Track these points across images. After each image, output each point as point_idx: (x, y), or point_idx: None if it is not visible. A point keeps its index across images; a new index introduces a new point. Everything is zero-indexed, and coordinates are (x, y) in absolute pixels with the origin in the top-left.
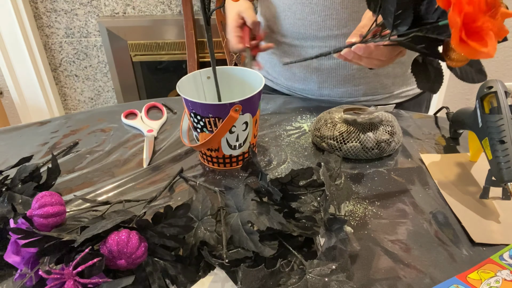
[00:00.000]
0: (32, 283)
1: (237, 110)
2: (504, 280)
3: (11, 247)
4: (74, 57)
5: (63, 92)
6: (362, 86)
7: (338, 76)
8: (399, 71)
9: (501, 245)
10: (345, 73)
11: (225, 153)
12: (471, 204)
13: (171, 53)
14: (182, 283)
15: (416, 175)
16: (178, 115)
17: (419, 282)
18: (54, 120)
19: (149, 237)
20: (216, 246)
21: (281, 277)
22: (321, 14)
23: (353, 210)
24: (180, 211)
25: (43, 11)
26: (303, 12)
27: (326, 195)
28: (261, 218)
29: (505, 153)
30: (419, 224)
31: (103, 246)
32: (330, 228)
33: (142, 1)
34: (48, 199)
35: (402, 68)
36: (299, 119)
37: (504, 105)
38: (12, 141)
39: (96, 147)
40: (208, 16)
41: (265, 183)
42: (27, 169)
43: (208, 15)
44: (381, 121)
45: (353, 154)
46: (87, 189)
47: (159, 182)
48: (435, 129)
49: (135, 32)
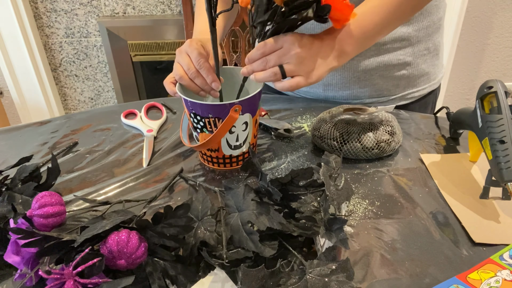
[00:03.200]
0: (32, 283)
1: (237, 110)
2: (504, 280)
3: (11, 247)
4: (74, 57)
5: (63, 92)
6: (367, 88)
7: (343, 79)
8: (405, 73)
9: (501, 245)
10: (350, 75)
11: (225, 153)
12: (471, 204)
13: (171, 53)
14: (182, 283)
15: (416, 175)
16: (178, 115)
17: (419, 282)
18: (54, 120)
19: (149, 237)
20: (216, 246)
21: (281, 277)
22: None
23: (353, 210)
24: (180, 211)
25: (43, 11)
26: None
27: (326, 195)
28: (261, 218)
29: (505, 153)
30: (419, 224)
31: (103, 246)
32: (330, 228)
33: (142, 1)
34: (48, 199)
35: (408, 70)
36: (299, 119)
37: (504, 105)
38: (12, 141)
39: (95, 147)
40: (214, 18)
41: (265, 183)
42: (27, 169)
43: (214, 16)
44: (381, 121)
45: (353, 154)
46: (87, 189)
47: (159, 182)
48: (435, 129)
49: (135, 32)
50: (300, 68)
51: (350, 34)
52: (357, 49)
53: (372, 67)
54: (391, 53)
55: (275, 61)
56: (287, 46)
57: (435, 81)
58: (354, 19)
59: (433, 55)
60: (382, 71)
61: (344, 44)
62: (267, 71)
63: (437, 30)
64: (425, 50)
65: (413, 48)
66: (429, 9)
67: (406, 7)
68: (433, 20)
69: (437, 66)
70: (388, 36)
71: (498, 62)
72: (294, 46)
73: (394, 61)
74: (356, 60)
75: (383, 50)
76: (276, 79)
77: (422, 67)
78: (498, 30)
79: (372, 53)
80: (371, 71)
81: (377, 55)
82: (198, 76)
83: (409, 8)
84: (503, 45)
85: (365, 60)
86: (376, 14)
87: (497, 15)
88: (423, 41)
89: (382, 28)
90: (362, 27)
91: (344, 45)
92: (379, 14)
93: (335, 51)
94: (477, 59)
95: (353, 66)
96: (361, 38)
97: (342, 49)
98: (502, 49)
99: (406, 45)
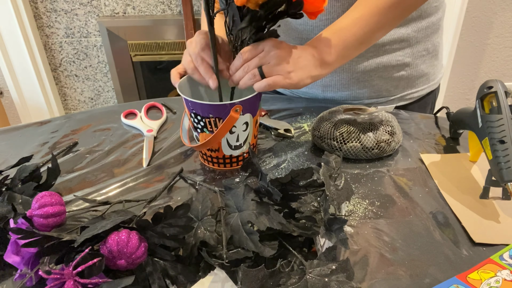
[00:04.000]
0: (32, 283)
1: (237, 111)
2: (504, 280)
3: (11, 247)
4: (74, 57)
5: (63, 92)
6: (366, 89)
7: (342, 80)
8: (404, 74)
9: (501, 245)
10: (349, 76)
11: (225, 153)
12: (471, 204)
13: (171, 53)
14: (182, 283)
15: (416, 175)
16: (178, 115)
17: (419, 282)
18: (54, 120)
19: (149, 237)
20: (216, 246)
21: (281, 277)
22: (322, 18)
23: (353, 210)
24: (180, 211)
25: (43, 11)
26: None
27: (326, 195)
28: (261, 218)
29: (505, 153)
30: (419, 224)
31: (103, 246)
32: (330, 228)
33: (142, 1)
34: (48, 199)
35: (407, 70)
36: (299, 119)
37: (504, 105)
38: (12, 141)
39: (95, 147)
40: (212, 17)
41: (265, 183)
42: (27, 169)
43: (212, 16)
44: (381, 121)
45: (353, 154)
46: (87, 189)
47: (159, 182)
48: (435, 129)
49: (135, 32)
50: (279, 68)
51: (331, 45)
52: (339, 59)
53: (371, 68)
54: (390, 54)
55: (256, 64)
56: (267, 49)
57: (434, 81)
58: (335, 31)
59: (432, 56)
60: (381, 72)
61: (325, 55)
62: (247, 75)
63: (436, 31)
64: (424, 51)
65: (412, 49)
66: (429, 10)
67: (387, 19)
68: (432, 21)
69: (436, 66)
70: (387, 37)
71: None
72: (274, 48)
73: (393, 62)
74: (355, 61)
75: (382, 51)
76: (256, 80)
77: (421, 68)
78: (498, 30)
79: (371, 54)
80: (370, 72)
81: (376, 56)
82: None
83: (390, 19)
84: (503, 45)
85: (364, 61)
86: (358, 26)
87: (497, 15)
88: (422, 42)
89: (364, 39)
90: (344, 39)
91: (324, 55)
92: (360, 26)
93: (316, 60)
94: (477, 59)
95: (352, 67)
96: (343, 49)
97: (322, 59)
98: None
99: (405, 46)
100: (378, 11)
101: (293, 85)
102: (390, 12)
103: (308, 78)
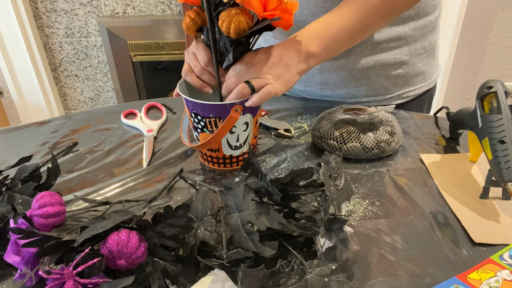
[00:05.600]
0: (32, 283)
1: (237, 111)
2: (504, 280)
3: (11, 247)
4: (74, 57)
5: (63, 92)
6: (364, 87)
7: (339, 78)
8: (401, 72)
9: (501, 245)
10: (347, 74)
11: (225, 154)
12: (471, 204)
13: (171, 53)
14: (182, 283)
15: (416, 175)
16: (178, 115)
17: (419, 282)
18: (54, 120)
19: (149, 237)
20: (216, 246)
21: (281, 277)
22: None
23: (353, 210)
24: (180, 211)
25: (43, 11)
26: (302, 15)
27: (326, 195)
28: (261, 218)
29: (505, 153)
30: (419, 224)
31: (103, 246)
32: (330, 228)
33: (142, 1)
34: (48, 199)
35: (404, 69)
36: (299, 119)
37: (504, 105)
38: (12, 141)
39: (95, 147)
40: (213, 17)
41: (265, 183)
42: (27, 169)
43: (213, 15)
44: (381, 121)
45: (353, 154)
46: (87, 189)
47: (159, 182)
48: (435, 129)
49: (135, 32)
50: (266, 78)
51: (316, 36)
52: (325, 51)
53: (369, 66)
54: (388, 52)
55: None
56: (243, 69)
57: (431, 80)
58: (322, 23)
59: (429, 54)
60: (379, 70)
61: (310, 46)
62: (235, 89)
63: (433, 30)
64: (421, 49)
65: (410, 47)
66: (426, 9)
67: (377, 16)
68: (430, 20)
69: (433, 65)
70: (384, 35)
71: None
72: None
73: (391, 60)
74: (353, 59)
75: (380, 49)
76: (246, 92)
77: (418, 66)
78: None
79: (368, 52)
80: (367, 70)
81: (374, 54)
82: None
83: (380, 17)
84: (503, 45)
85: (362, 59)
86: (345, 20)
87: (497, 15)
88: (420, 41)
89: (352, 34)
90: (330, 30)
91: (310, 46)
92: (348, 20)
93: (301, 53)
94: (477, 59)
95: (349, 65)
96: (328, 40)
97: (308, 51)
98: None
99: (402, 44)
100: (369, 8)
101: (286, 89)
102: (380, 9)
103: (296, 75)
